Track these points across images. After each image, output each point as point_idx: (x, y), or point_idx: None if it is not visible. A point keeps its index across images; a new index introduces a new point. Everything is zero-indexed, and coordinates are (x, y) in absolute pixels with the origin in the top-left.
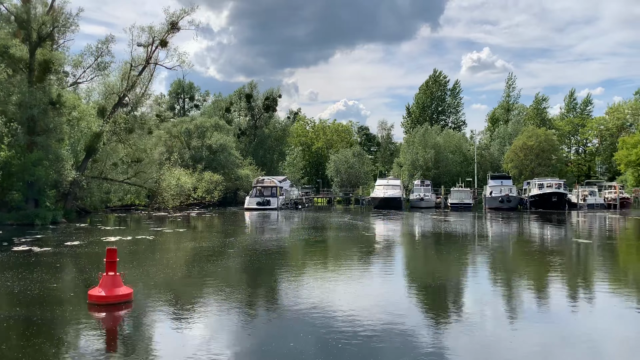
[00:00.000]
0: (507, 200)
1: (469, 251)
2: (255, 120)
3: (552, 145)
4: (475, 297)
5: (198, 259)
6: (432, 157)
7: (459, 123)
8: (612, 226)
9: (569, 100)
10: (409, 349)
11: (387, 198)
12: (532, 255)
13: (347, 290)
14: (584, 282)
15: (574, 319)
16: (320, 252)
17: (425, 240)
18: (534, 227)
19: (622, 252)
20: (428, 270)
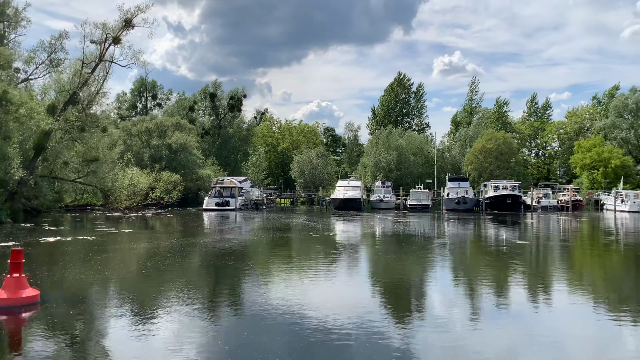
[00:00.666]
0: (463, 202)
1: (415, 252)
2: (219, 120)
3: (511, 149)
4: (439, 297)
5: (130, 260)
6: (394, 159)
7: (422, 125)
8: (554, 227)
9: (530, 104)
10: (379, 350)
11: (347, 199)
12: (479, 255)
13: (309, 290)
14: (534, 282)
15: (537, 318)
16: (263, 254)
17: (374, 240)
18: (475, 228)
19: (561, 253)
20: (388, 270)
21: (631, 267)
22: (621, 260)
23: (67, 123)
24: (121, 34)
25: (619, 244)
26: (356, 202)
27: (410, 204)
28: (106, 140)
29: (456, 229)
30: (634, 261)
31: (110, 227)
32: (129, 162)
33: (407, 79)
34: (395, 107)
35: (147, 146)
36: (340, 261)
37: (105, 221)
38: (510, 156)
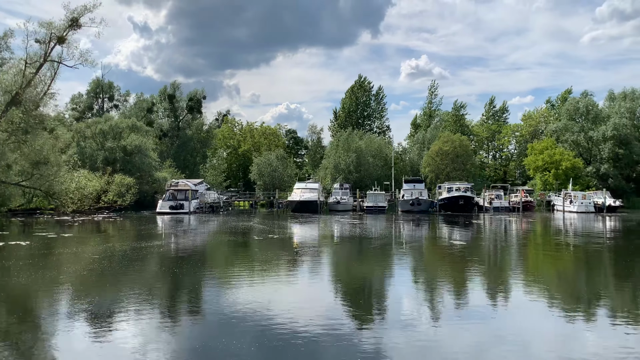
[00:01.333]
0: (418, 204)
1: (363, 253)
2: (178, 122)
3: (466, 151)
4: (402, 298)
5: (58, 264)
6: (353, 161)
7: (383, 128)
8: (497, 228)
9: (488, 107)
10: (347, 351)
11: (303, 201)
12: (432, 255)
13: (270, 293)
14: (490, 281)
15: (501, 317)
16: (212, 258)
17: (319, 242)
18: (425, 229)
19: (502, 252)
20: (346, 272)
21: (569, 264)
22: (561, 258)
23: (11, 125)
24: (67, 33)
25: (554, 243)
26: (313, 205)
27: (367, 206)
28: (54, 142)
29: (405, 231)
30: (572, 259)
31: (52, 231)
32: (76, 164)
33: (367, 82)
34: (357, 110)
35: (102, 148)
36: (290, 264)
37: (50, 225)
38: (466, 158)
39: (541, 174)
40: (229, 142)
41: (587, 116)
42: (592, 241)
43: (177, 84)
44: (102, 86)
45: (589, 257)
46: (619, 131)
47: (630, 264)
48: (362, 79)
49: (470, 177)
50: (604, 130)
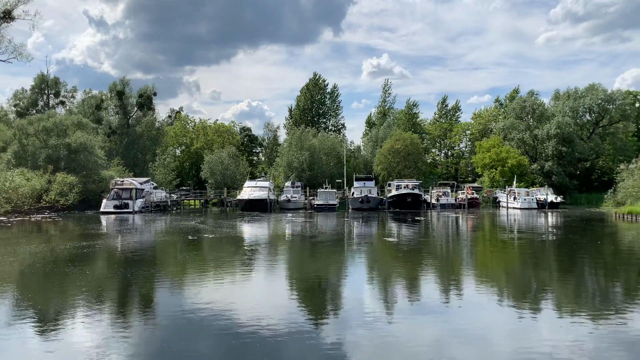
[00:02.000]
0: (367, 201)
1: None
2: (128, 119)
3: (417, 149)
4: (358, 294)
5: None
6: (306, 159)
7: (338, 126)
8: (439, 224)
9: (441, 106)
10: (311, 348)
11: (252, 200)
12: (376, 251)
13: (226, 293)
14: (440, 276)
15: (457, 312)
16: (150, 259)
17: (257, 241)
18: (362, 226)
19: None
20: (297, 270)
21: (512, 259)
22: (503, 252)
23: None
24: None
25: (490, 239)
26: (262, 203)
27: (317, 204)
28: None
29: (345, 228)
30: (512, 254)
31: None
32: (10, 162)
33: (322, 80)
34: (312, 108)
35: (45, 146)
36: (234, 264)
37: None
38: (417, 156)
39: (489, 171)
40: (182, 140)
41: (533, 115)
42: (524, 237)
43: (126, 80)
44: (47, 82)
45: (524, 251)
46: (562, 129)
47: (567, 259)
48: (317, 77)
49: (421, 174)
50: (548, 129)
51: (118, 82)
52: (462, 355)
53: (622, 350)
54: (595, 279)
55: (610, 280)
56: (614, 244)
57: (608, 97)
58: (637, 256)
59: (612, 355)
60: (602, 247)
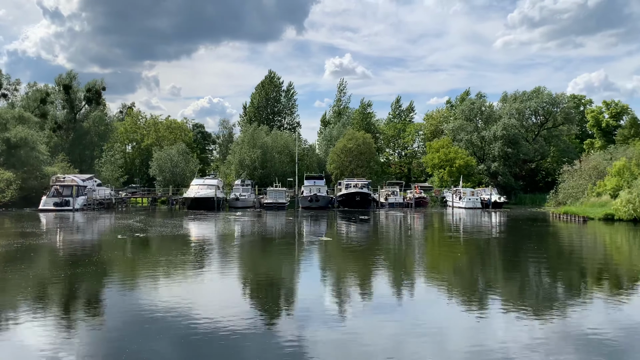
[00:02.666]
0: (316, 200)
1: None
2: (75, 114)
3: (370, 149)
4: (313, 292)
5: None
6: (258, 157)
7: (294, 124)
8: (378, 223)
9: (395, 106)
10: (270, 346)
11: (199, 198)
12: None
13: (178, 292)
14: (391, 273)
15: (414, 308)
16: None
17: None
18: (319, 225)
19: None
20: (249, 268)
21: (451, 256)
22: (444, 251)
23: None
24: None
25: (427, 237)
26: (209, 201)
27: (266, 203)
28: None
29: (290, 226)
30: (452, 252)
31: None
32: None
33: (277, 78)
34: (266, 106)
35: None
36: (172, 264)
37: None
38: (370, 156)
39: (438, 171)
40: (132, 136)
41: (481, 117)
42: (455, 235)
43: (73, 74)
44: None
45: (454, 249)
46: (508, 131)
47: (499, 257)
48: (272, 75)
49: (373, 174)
50: (494, 130)
51: (65, 75)
52: (420, 351)
53: (573, 345)
54: (520, 275)
55: (541, 276)
56: (543, 243)
57: (553, 101)
58: (565, 254)
59: (564, 349)
60: (532, 245)
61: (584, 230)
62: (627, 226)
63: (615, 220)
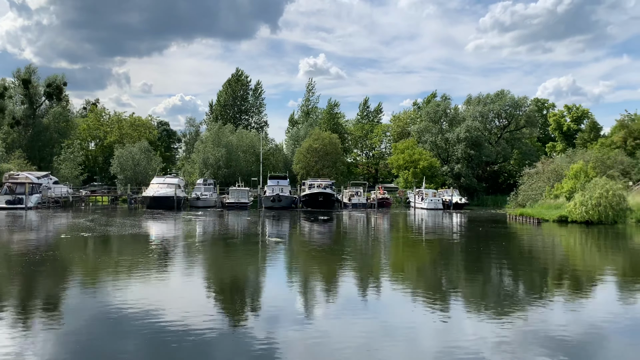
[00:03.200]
0: (278, 200)
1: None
2: (34, 109)
3: (336, 149)
4: (282, 294)
5: None
6: (223, 156)
7: (261, 123)
8: (333, 224)
9: (363, 107)
10: (240, 347)
11: (158, 197)
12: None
13: (145, 293)
14: (357, 273)
15: (380, 310)
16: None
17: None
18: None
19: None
20: (212, 269)
21: (413, 257)
22: (406, 251)
23: None
24: None
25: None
26: (169, 200)
27: (228, 202)
28: None
29: (238, 227)
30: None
31: None
32: None
33: (245, 76)
34: (234, 104)
35: None
36: (136, 265)
37: None
38: (336, 156)
39: (403, 172)
40: (95, 133)
41: (446, 119)
42: (407, 236)
43: (32, 68)
44: None
45: (402, 249)
46: (471, 133)
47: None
48: (240, 73)
49: (340, 174)
50: (458, 132)
51: (24, 70)
52: (390, 351)
53: (540, 344)
54: (479, 276)
55: (501, 277)
56: (496, 244)
57: (515, 104)
58: (517, 255)
59: (530, 348)
60: (488, 245)
61: (537, 231)
62: (580, 228)
63: (569, 222)
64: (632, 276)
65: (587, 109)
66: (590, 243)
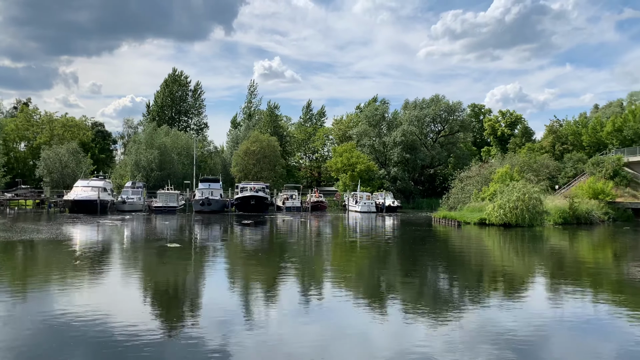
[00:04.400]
0: (208, 204)
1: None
2: None
3: (274, 152)
4: (230, 298)
5: None
6: (155, 158)
7: (201, 125)
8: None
9: (306, 110)
10: (195, 353)
11: (79, 200)
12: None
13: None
14: (300, 276)
15: (330, 312)
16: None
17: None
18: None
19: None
20: (150, 274)
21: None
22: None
23: None
24: None
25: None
26: (91, 204)
27: (156, 206)
28: None
29: (164, 231)
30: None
31: None
32: None
33: (185, 77)
34: (172, 105)
35: None
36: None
37: None
38: (275, 159)
39: (341, 175)
40: (24, 134)
41: (384, 122)
42: (315, 239)
43: None
44: None
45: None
46: (406, 137)
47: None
48: (178, 73)
49: (279, 177)
50: (394, 136)
51: None
52: (346, 356)
53: (490, 343)
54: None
55: (436, 279)
56: (412, 245)
57: (449, 109)
58: (435, 256)
59: (479, 347)
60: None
61: (456, 234)
62: (498, 230)
63: (489, 225)
64: (557, 277)
65: (520, 115)
66: (505, 245)
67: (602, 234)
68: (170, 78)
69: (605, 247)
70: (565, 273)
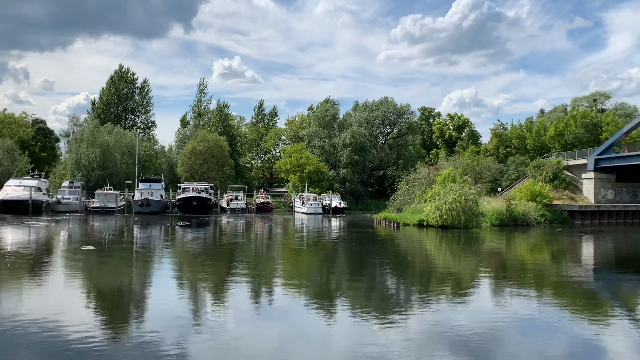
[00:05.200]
0: (147, 205)
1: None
2: None
3: (222, 152)
4: (185, 300)
5: None
6: (97, 157)
7: (148, 124)
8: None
9: (258, 110)
10: (151, 356)
11: (9, 200)
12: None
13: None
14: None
15: (286, 314)
16: None
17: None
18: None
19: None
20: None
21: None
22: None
23: None
24: None
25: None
26: (23, 204)
27: (93, 207)
28: None
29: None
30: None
31: None
32: None
33: (131, 74)
34: (118, 102)
35: None
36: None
37: None
38: (223, 159)
39: (291, 176)
40: None
41: (333, 124)
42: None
43: None
44: None
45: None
46: (356, 139)
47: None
48: (124, 69)
49: (227, 178)
50: (344, 138)
51: None
52: (306, 358)
53: (446, 343)
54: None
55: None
56: (346, 247)
57: (398, 111)
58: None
59: (435, 348)
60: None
61: (396, 234)
62: (435, 231)
63: (427, 226)
64: (500, 278)
65: (468, 118)
66: (442, 246)
67: (537, 235)
68: (116, 75)
69: (542, 248)
70: (507, 274)
